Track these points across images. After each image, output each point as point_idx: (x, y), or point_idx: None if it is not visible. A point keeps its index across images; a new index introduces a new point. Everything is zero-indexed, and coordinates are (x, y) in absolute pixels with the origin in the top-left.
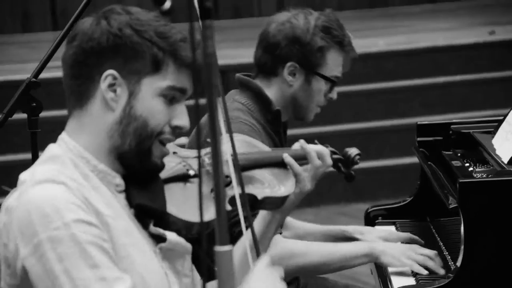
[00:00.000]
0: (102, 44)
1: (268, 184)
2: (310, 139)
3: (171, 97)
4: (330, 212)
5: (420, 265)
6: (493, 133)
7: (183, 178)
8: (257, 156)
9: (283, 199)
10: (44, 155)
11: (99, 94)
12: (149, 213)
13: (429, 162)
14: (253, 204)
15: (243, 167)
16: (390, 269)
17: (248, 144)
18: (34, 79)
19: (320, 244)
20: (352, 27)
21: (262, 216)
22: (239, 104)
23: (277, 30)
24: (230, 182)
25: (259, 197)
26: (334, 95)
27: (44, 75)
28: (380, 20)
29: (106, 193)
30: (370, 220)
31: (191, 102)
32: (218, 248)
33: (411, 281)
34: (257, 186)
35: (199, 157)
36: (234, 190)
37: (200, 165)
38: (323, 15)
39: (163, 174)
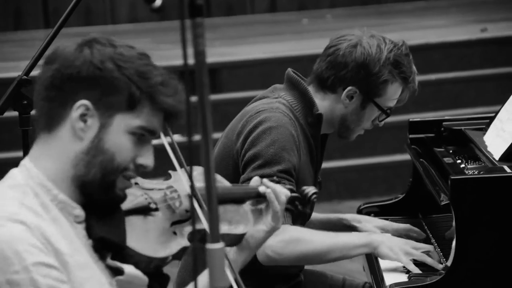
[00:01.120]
0: (82, 73)
1: (227, 221)
2: None
3: (140, 135)
4: (323, 209)
5: (418, 261)
6: (484, 130)
7: (144, 211)
8: (219, 192)
9: (240, 236)
10: (6, 181)
11: (69, 121)
12: (109, 246)
13: (421, 159)
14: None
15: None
16: (382, 266)
17: None
18: (25, 77)
19: (324, 233)
20: (344, 25)
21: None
22: (284, 100)
23: (348, 51)
24: (190, 217)
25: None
26: (381, 123)
27: (35, 72)
28: (373, 18)
29: (65, 225)
30: None
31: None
32: (210, 246)
33: (403, 277)
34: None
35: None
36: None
37: (192, 181)
38: (396, 47)
39: (124, 206)
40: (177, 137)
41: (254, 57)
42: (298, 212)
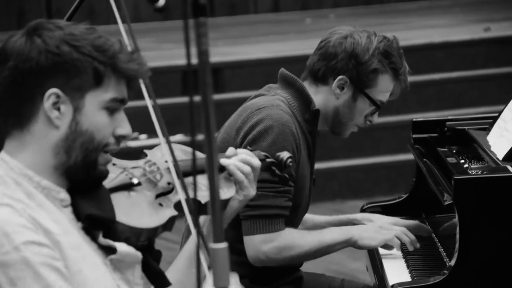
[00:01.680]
0: (41, 63)
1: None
2: None
3: (113, 108)
4: (326, 209)
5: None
6: (488, 129)
7: (127, 187)
8: (199, 163)
9: (225, 202)
10: None
11: (41, 113)
12: (99, 223)
13: (424, 159)
14: (198, 208)
15: (184, 173)
16: (385, 266)
17: (185, 152)
18: None
19: (311, 234)
20: (347, 24)
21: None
22: (282, 97)
23: (338, 42)
24: (173, 189)
25: (203, 201)
26: (374, 119)
27: None
28: (376, 17)
29: (52, 210)
30: None
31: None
32: (213, 246)
33: (407, 277)
34: (199, 191)
35: (193, 148)
36: (179, 196)
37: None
38: (386, 40)
39: (106, 185)
40: (180, 137)
41: (257, 57)
42: (278, 177)
